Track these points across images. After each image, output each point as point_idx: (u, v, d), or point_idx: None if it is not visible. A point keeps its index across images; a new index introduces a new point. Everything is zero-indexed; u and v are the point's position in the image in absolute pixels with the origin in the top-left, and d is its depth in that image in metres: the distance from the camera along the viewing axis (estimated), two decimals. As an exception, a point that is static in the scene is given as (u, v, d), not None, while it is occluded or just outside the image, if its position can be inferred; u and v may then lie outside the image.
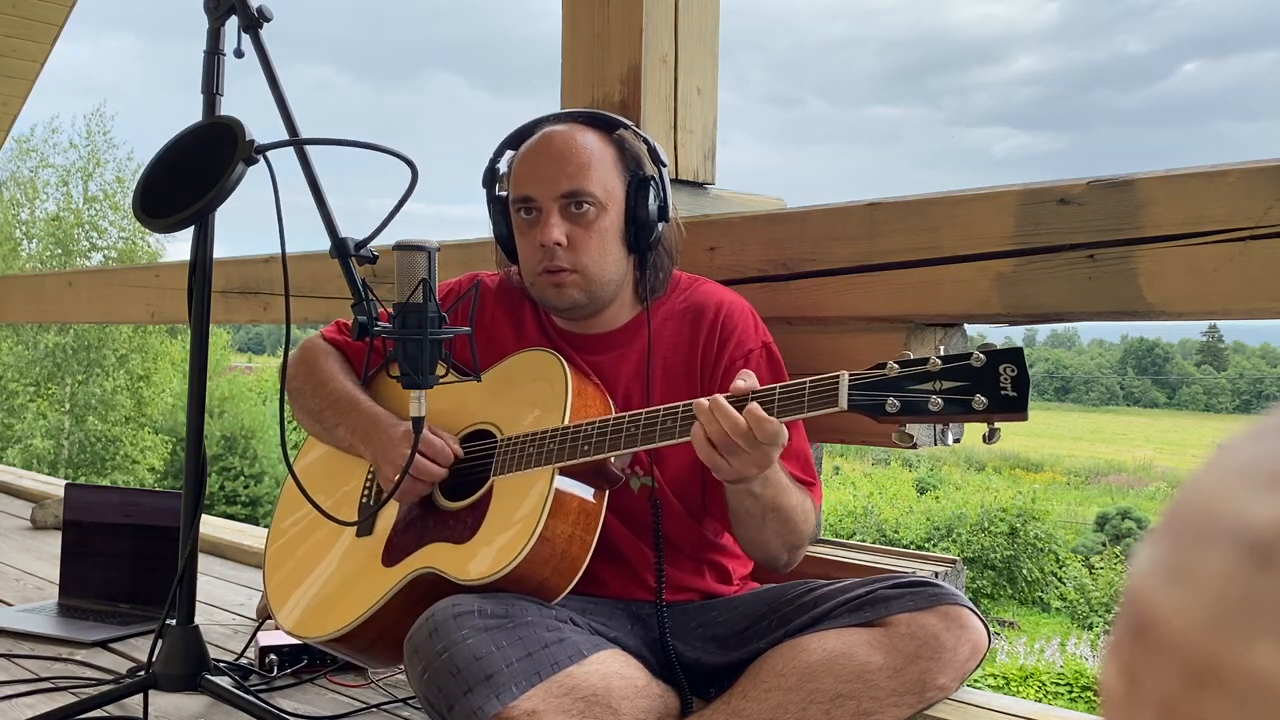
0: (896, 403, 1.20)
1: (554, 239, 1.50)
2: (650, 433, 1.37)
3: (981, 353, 1.17)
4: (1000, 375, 1.16)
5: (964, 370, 1.18)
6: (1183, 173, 1.40)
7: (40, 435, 20.08)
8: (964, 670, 1.38)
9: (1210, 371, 77.56)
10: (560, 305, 1.56)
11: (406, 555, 1.51)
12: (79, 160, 22.01)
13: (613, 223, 1.54)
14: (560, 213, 1.52)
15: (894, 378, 1.22)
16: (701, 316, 1.59)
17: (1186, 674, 0.26)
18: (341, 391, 1.65)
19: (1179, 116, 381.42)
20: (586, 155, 1.53)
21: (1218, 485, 0.28)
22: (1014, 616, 19.89)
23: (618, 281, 1.57)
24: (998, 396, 1.16)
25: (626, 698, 1.33)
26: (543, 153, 1.55)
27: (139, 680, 1.59)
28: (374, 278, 1.62)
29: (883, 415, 1.21)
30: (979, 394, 1.16)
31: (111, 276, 4.32)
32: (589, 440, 1.41)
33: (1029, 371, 1.16)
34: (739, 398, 1.29)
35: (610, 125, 1.59)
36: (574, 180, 1.51)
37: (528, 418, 1.50)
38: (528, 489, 1.43)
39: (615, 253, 1.55)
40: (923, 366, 1.20)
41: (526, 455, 1.45)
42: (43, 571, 2.70)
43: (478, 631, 1.29)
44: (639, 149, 1.58)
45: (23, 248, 21.54)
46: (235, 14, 1.53)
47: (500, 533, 1.42)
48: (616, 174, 1.55)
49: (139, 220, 1.50)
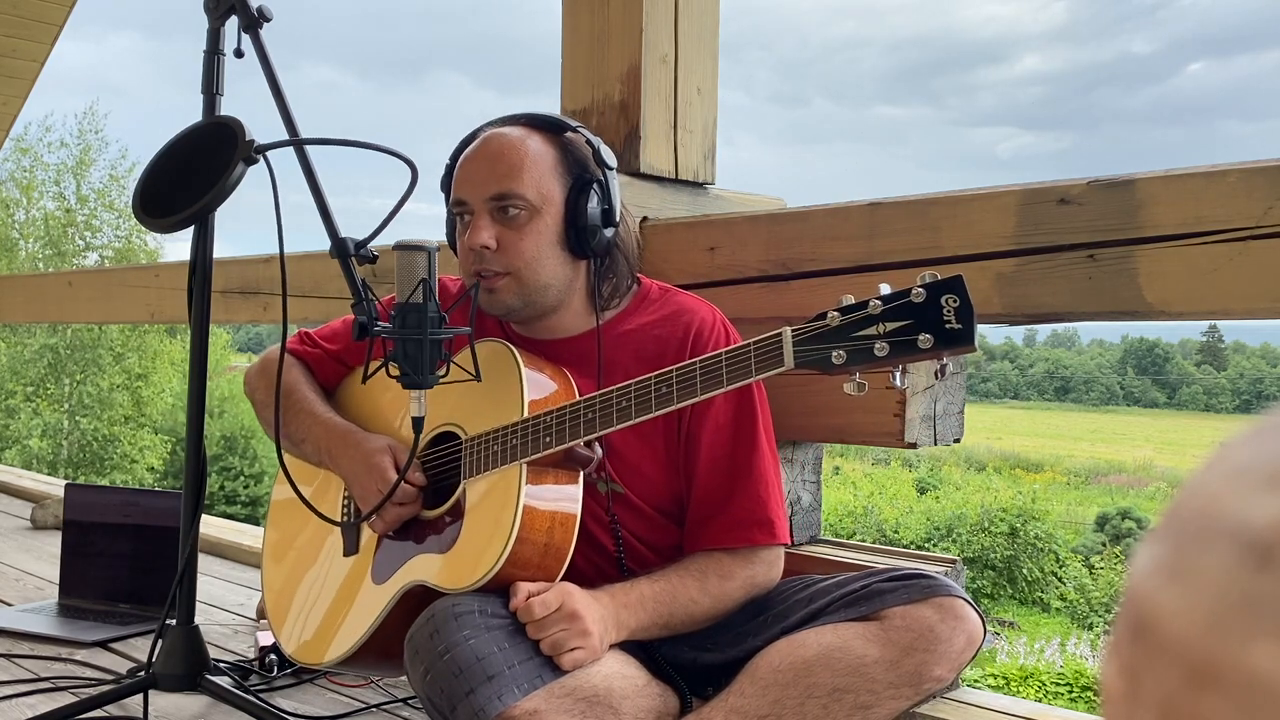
0: (842, 353, 1.18)
1: (480, 242, 1.48)
2: (607, 415, 1.36)
3: (921, 287, 1.14)
4: (943, 307, 1.13)
5: (905, 308, 1.15)
6: (1183, 173, 1.40)
7: (38, 435, 20.06)
8: (960, 661, 1.38)
9: (1210, 371, 77.59)
10: (494, 310, 1.54)
11: (395, 570, 1.50)
12: (70, 159, 21.92)
13: (549, 226, 1.50)
14: (490, 215, 1.49)
15: (836, 327, 1.19)
16: (672, 329, 1.55)
17: (1187, 674, 0.26)
18: (304, 405, 1.65)
19: (1184, 116, 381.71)
20: (518, 157, 1.49)
21: (1218, 485, 0.28)
22: (1014, 616, 19.89)
23: (559, 287, 1.53)
24: (942, 330, 1.12)
25: (627, 697, 1.33)
26: (476, 156, 1.53)
27: (139, 680, 1.59)
28: (374, 278, 1.62)
29: (831, 368, 1.19)
30: (923, 332, 1.13)
31: (111, 276, 4.32)
32: (549, 431, 1.39)
33: (970, 299, 1.12)
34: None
35: (557, 128, 1.55)
36: (502, 182, 1.48)
37: (488, 414, 1.47)
38: (499, 489, 1.42)
39: (552, 256, 1.51)
40: (864, 310, 1.17)
41: (491, 454, 1.44)
42: (43, 571, 2.70)
43: (480, 631, 1.29)
44: (584, 152, 1.54)
45: (20, 247, 21.48)
46: (235, 14, 1.53)
47: (479, 537, 1.42)
48: (555, 177, 1.51)
49: (139, 220, 1.50)
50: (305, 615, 1.62)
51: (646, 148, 2.03)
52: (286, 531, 1.71)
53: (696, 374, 1.30)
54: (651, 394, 1.33)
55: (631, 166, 2.02)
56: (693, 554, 1.49)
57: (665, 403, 1.33)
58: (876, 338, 1.16)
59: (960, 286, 1.13)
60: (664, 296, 1.62)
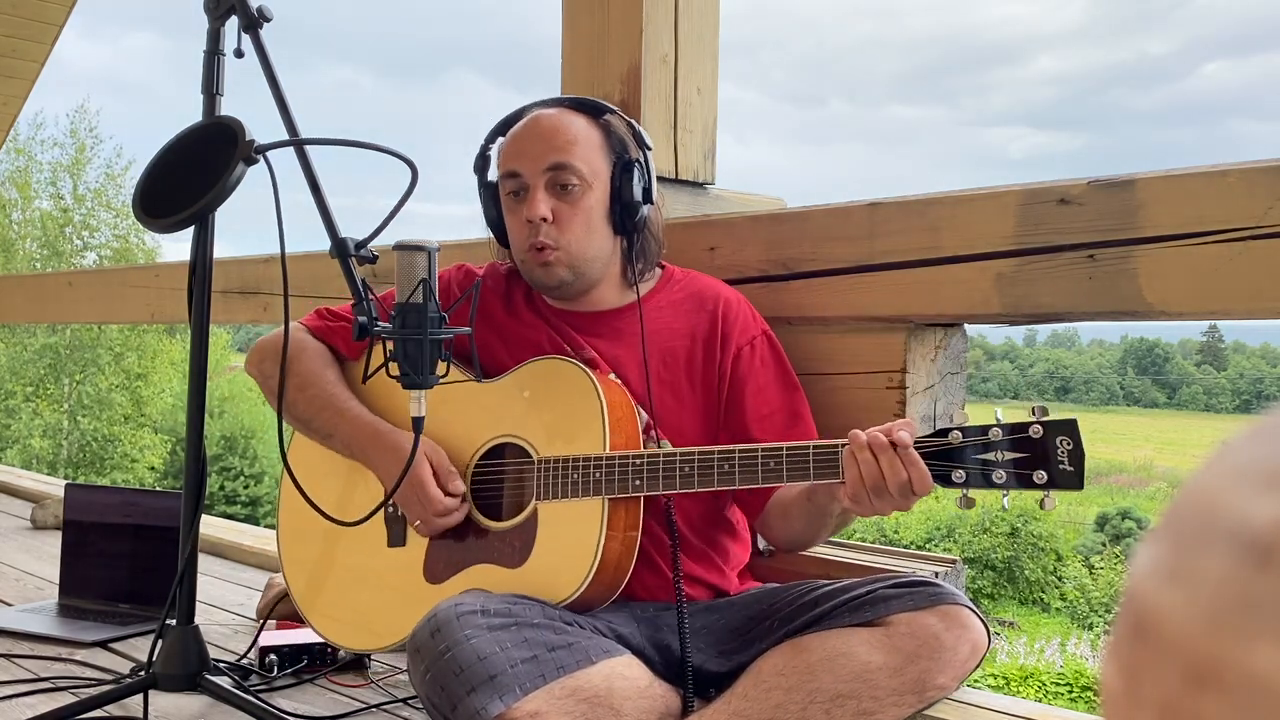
0: (963, 474, 1.28)
1: (540, 213, 1.53)
2: (708, 476, 1.41)
3: (1039, 424, 1.24)
4: (1058, 449, 1.24)
5: (1023, 441, 1.26)
6: (1183, 173, 1.40)
7: (38, 435, 20.06)
8: (964, 670, 1.38)
9: (1210, 371, 77.57)
10: (548, 283, 1.59)
11: (453, 573, 1.54)
12: (64, 158, 21.83)
13: (598, 202, 1.57)
14: (546, 189, 1.55)
15: (958, 447, 1.29)
16: (701, 306, 1.63)
17: (1186, 674, 0.26)
18: (328, 400, 1.64)
19: (1196, 116, 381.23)
20: (572, 134, 1.57)
21: (1218, 485, 0.28)
22: (1014, 616, 19.88)
23: (604, 260, 1.60)
24: (1056, 471, 1.24)
25: (629, 698, 1.33)
26: (530, 131, 1.59)
27: (139, 680, 1.59)
28: (374, 278, 1.62)
29: (950, 484, 1.29)
30: (1039, 469, 1.24)
31: (111, 276, 4.33)
32: (639, 475, 1.44)
33: (1083, 444, 1.24)
34: (901, 445, 1.30)
35: (597, 110, 1.63)
36: (559, 154, 1.55)
37: (562, 438, 1.50)
38: (578, 516, 1.46)
39: (600, 231, 1.58)
40: (984, 437, 1.27)
41: (572, 483, 1.47)
42: (43, 571, 2.70)
43: (481, 631, 1.29)
44: (624, 133, 1.62)
45: (17, 248, 21.43)
46: (235, 14, 1.53)
47: (556, 559, 1.46)
48: (602, 155, 1.58)
49: (139, 220, 1.50)
50: (345, 600, 1.65)
51: (646, 148, 2.03)
52: (311, 516, 1.70)
53: (810, 456, 1.36)
54: (758, 464, 1.38)
55: (631, 166, 2.02)
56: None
57: (774, 477, 1.38)
58: (995, 465, 1.27)
59: (1075, 431, 1.25)
60: (688, 278, 1.70)
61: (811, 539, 1.58)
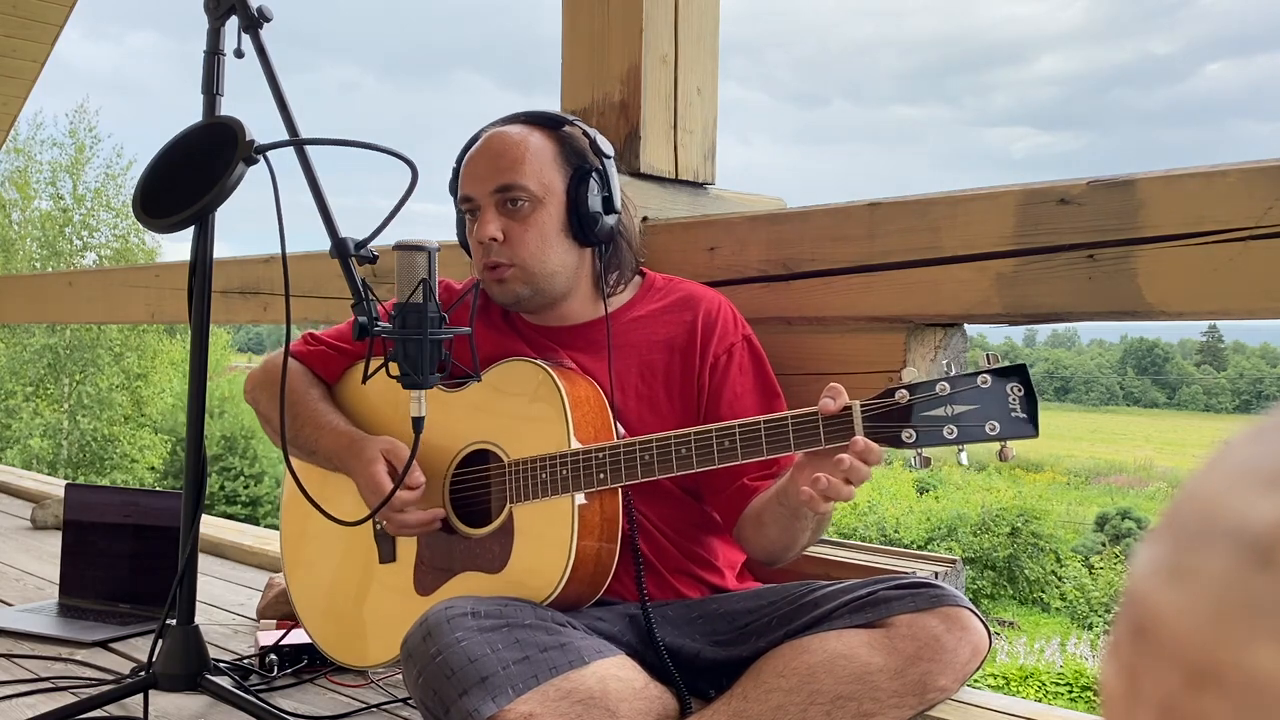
0: (913, 433, 1.25)
1: (489, 234, 1.54)
2: (666, 461, 1.40)
3: (987, 373, 1.21)
4: (1009, 396, 1.21)
5: (972, 393, 1.22)
6: (1182, 173, 1.40)
7: (38, 435, 20.05)
8: (965, 672, 1.38)
9: (1210, 371, 77.59)
10: (506, 300, 1.59)
11: (440, 585, 1.55)
12: (63, 158, 21.80)
13: (552, 216, 1.56)
14: (496, 209, 1.55)
15: (905, 406, 1.26)
16: (681, 315, 1.62)
17: (1187, 674, 0.26)
18: (311, 416, 1.67)
19: (1199, 116, 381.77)
20: (519, 151, 1.56)
21: (1218, 485, 0.28)
22: (1014, 616, 19.88)
23: (566, 274, 1.59)
24: (1008, 419, 1.21)
25: (624, 699, 1.32)
26: (480, 154, 1.59)
27: (139, 680, 1.59)
28: (374, 278, 1.62)
29: (901, 445, 1.26)
30: (990, 420, 1.21)
31: (112, 276, 4.33)
32: (603, 468, 1.44)
33: (1035, 388, 1.20)
34: (832, 416, 1.30)
35: (555, 123, 1.62)
36: (505, 175, 1.54)
37: (530, 438, 1.51)
38: (551, 515, 1.47)
39: (558, 245, 1.57)
40: (931, 392, 1.24)
41: (541, 483, 1.47)
42: (43, 571, 2.70)
43: (473, 633, 1.28)
44: (582, 144, 1.60)
45: (17, 248, 21.41)
46: (235, 14, 1.53)
47: (534, 560, 1.47)
48: (556, 168, 1.57)
49: (139, 221, 1.50)
50: (341, 616, 1.68)
51: (646, 148, 2.03)
52: (310, 525, 1.73)
53: (763, 431, 1.34)
54: (714, 444, 1.38)
55: (631, 166, 2.02)
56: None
57: (729, 456, 1.37)
58: (946, 420, 1.24)
59: (1026, 376, 1.22)
60: (669, 285, 1.68)
61: (788, 547, 1.50)
